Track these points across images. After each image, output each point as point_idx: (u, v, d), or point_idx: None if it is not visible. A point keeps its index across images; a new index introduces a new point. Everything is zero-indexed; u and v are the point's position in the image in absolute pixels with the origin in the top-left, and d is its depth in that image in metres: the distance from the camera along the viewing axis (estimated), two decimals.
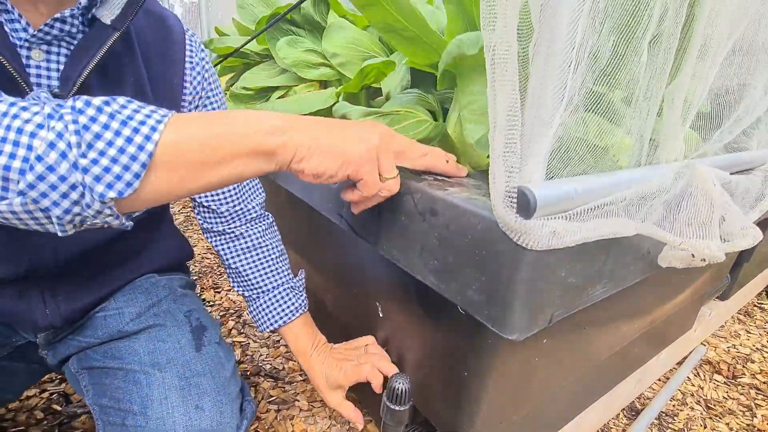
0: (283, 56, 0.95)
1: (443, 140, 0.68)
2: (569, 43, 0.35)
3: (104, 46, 0.52)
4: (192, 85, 0.68)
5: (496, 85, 0.37)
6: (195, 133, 0.37)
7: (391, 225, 0.54)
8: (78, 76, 0.52)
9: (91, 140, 0.33)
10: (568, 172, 0.43)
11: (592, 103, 0.43)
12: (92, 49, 0.52)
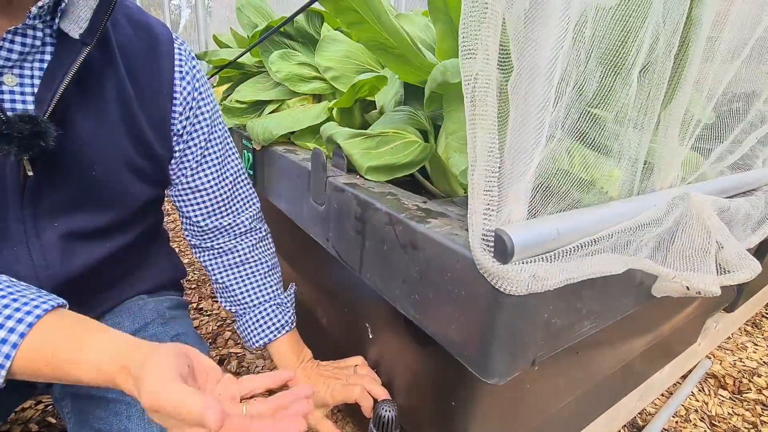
0: (276, 70, 0.94)
1: (433, 162, 0.66)
2: (549, 82, 0.33)
3: (75, 63, 0.51)
4: (182, 95, 0.66)
5: (476, 120, 0.36)
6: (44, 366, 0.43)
7: (375, 254, 0.53)
8: (52, 97, 0.50)
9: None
10: (552, 208, 0.41)
11: (577, 135, 0.41)
12: (64, 66, 0.51)
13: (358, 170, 0.63)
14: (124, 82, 0.59)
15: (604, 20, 0.37)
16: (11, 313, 0.43)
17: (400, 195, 0.55)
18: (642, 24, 0.38)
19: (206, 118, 0.70)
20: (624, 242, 0.43)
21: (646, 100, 0.44)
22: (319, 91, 0.97)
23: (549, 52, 0.32)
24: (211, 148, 0.71)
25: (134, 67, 0.61)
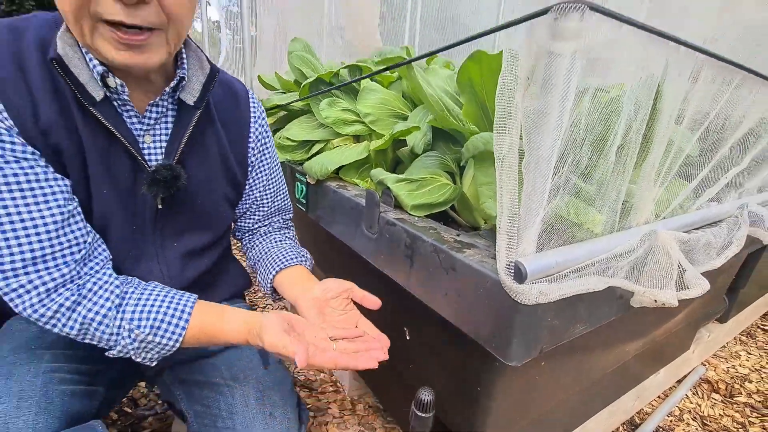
0: (325, 116, 1.13)
1: (460, 199, 0.84)
2: (548, 165, 0.51)
3: (191, 123, 0.71)
4: (255, 135, 0.85)
5: (503, 186, 0.54)
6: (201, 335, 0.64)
7: (421, 274, 0.71)
8: (176, 150, 0.70)
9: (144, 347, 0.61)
10: (554, 243, 0.59)
11: (572, 193, 0.59)
12: (183, 126, 0.70)
13: (404, 207, 0.82)
14: (220, 132, 0.79)
15: (593, 118, 0.55)
16: (176, 305, 0.63)
17: (439, 229, 0.74)
18: (618, 119, 0.56)
19: (269, 150, 0.89)
20: (604, 268, 0.60)
21: (622, 166, 0.62)
22: (359, 132, 1.16)
23: (548, 149, 0.50)
24: (272, 172, 0.90)
25: (225, 119, 0.80)
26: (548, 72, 0.49)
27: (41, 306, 0.57)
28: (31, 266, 0.56)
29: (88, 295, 0.60)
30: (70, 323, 0.58)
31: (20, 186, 0.56)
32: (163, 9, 0.56)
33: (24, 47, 0.59)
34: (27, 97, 0.57)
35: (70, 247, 0.60)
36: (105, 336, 0.59)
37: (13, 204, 0.55)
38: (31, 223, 0.56)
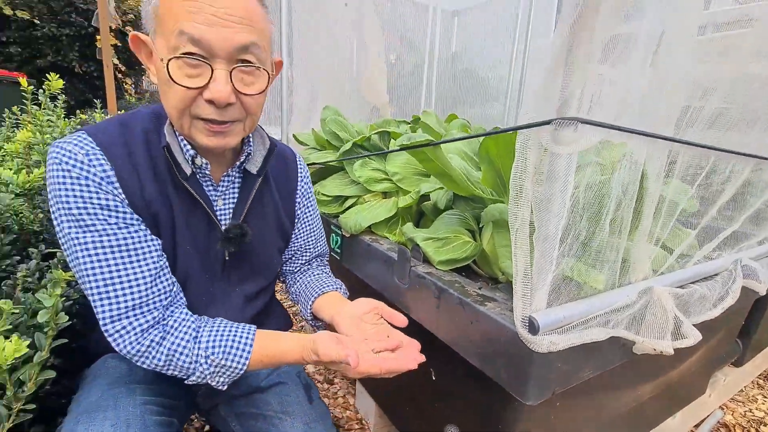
0: (358, 175, 1.29)
1: (480, 255, 0.97)
2: (555, 239, 0.64)
3: (254, 189, 0.86)
4: (301, 191, 1.01)
5: (518, 253, 0.67)
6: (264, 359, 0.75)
7: (448, 322, 0.83)
8: (242, 213, 0.85)
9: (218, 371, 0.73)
10: (562, 300, 0.71)
11: (575, 257, 0.71)
12: (248, 192, 0.86)
13: (432, 262, 0.95)
14: (274, 194, 0.94)
15: (588, 199, 0.69)
16: (241, 333, 0.75)
17: (463, 282, 0.86)
18: (610, 197, 0.70)
19: (312, 203, 1.04)
20: (606, 320, 0.72)
21: (618, 234, 0.75)
22: (387, 189, 1.32)
23: (553, 227, 0.64)
24: (314, 222, 1.05)
25: (278, 181, 0.96)
26: (551, 168, 0.63)
27: (137, 344, 0.70)
28: (131, 311, 0.70)
29: (171, 331, 0.73)
30: (159, 356, 0.71)
31: (127, 247, 0.71)
32: (243, 107, 0.74)
33: (132, 137, 0.76)
34: (135, 176, 0.74)
35: (160, 295, 0.74)
36: (186, 364, 0.72)
37: (121, 262, 0.70)
38: (133, 277, 0.71)
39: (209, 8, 0.65)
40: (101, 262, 0.68)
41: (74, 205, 0.67)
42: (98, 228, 0.68)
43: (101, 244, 0.68)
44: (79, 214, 0.67)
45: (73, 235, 0.68)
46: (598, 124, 0.62)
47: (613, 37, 0.63)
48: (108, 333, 0.69)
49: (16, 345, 0.57)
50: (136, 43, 0.74)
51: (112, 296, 0.69)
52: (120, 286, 0.70)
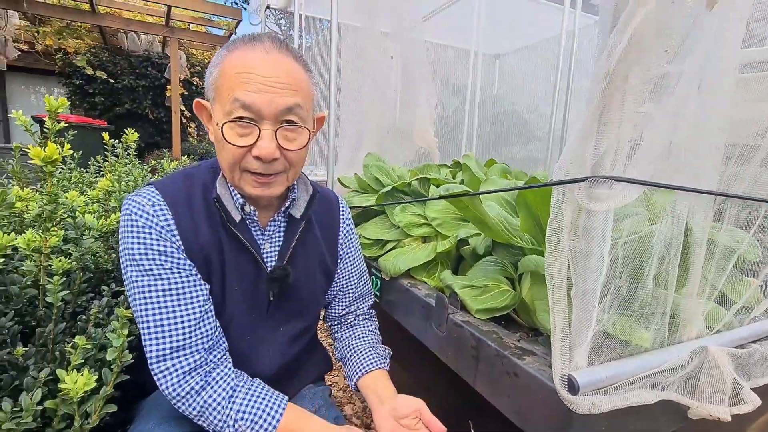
0: (398, 220, 1.33)
1: (520, 304, 0.96)
2: (594, 296, 0.63)
3: (297, 233, 0.92)
4: (343, 232, 1.07)
5: (555, 308, 0.66)
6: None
7: (486, 374, 0.81)
8: (286, 254, 0.91)
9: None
10: (604, 358, 0.68)
11: (617, 313, 0.69)
12: (293, 235, 0.92)
13: (470, 310, 0.95)
14: (317, 234, 1.00)
15: (627, 253, 0.68)
16: (272, 405, 0.78)
17: (501, 333, 0.85)
18: (650, 254, 0.68)
19: (353, 244, 1.09)
20: (654, 381, 0.68)
21: (663, 290, 0.72)
22: (427, 234, 1.34)
23: (592, 282, 0.63)
24: (356, 263, 1.09)
25: (322, 224, 1.02)
26: (588, 223, 0.63)
27: (178, 387, 0.75)
28: (175, 352, 0.76)
29: (211, 383, 0.77)
30: (195, 405, 0.75)
31: (178, 291, 0.78)
32: (286, 160, 0.81)
33: (193, 188, 0.85)
34: (192, 223, 0.82)
35: (203, 338, 0.79)
36: (216, 421, 0.76)
37: (171, 304, 0.77)
38: (180, 320, 0.77)
39: (259, 77, 0.74)
40: (153, 303, 0.76)
41: (137, 250, 0.76)
42: (154, 272, 0.76)
43: (155, 287, 0.76)
44: (140, 259, 0.76)
45: (133, 277, 0.76)
46: (633, 182, 0.62)
47: (652, 80, 0.64)
48: (154, 372, 0.75)
49: (86, 379, 0.64)
50: (199, 107, 0.86)
51: (159, 336, 0.75)
52: (168, 327, 0.76)
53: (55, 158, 0.83)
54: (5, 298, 0.84)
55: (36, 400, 0.61)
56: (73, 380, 0.64)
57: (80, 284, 0.96)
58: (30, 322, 0.86)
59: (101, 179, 1.34)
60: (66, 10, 6.65)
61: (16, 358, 0.73)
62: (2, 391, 0.68)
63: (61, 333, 0.83)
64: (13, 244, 0.84)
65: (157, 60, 8.17)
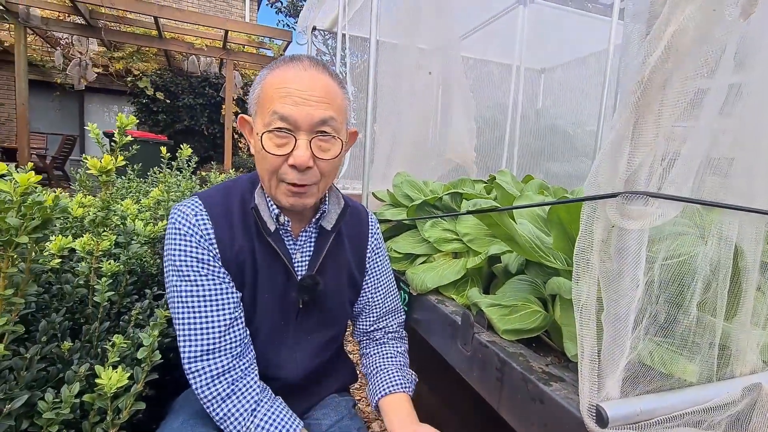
0: (428, 235, 1.32)
1: (552, 327, 0.91)
2: (626, 322, 0.59)
3: (328, 244, 0.94)
4: (371, 245, 1.07)
5: (583, 332, 0.62)
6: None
7: (510, 398, 0.77)
8: (316, 264, 0.92)
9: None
10: (640, 390, 0.63)
11: (656, 343, 0.64)
12: (323, 246, 0.93)
13: (496, 330, 0.91)
14: (346, 246, 1.01)
15: (665, 277, 0.63)
16: (288, 428, 0.80)
17: (529, 356, 0.81)
18: (693, 278, 0.62)
19: (381, 257, 1.09)
20: (699, 419, 0.62)
21: (709, 318, 0.66)
22: (457, 250, 1.31)
23: (625, 305, 0.59)
24: (383, 276, 1.09)
25: (351, 237, 1.03)
26: (620, 242, 0.59)
27: (206, 389, 0.79)
28: (205, 355, 0.80)
29: (237, 392, 0.80)
30: (219, 410, 0.79)
31: (212, 297, 0.82)
32: (319, 170, 0.84)
33: (231, 200, 0.90)
34: (229, 231, 0.86)
35: (232, 343, 0.83)
36: (236, 429, 0.78)
37: (204, 310, 0.81)
38: (212, 324, 0.81)
39: (296, 92, 0.79)
40: (188, 307, 0.80)
41: (178, 257, 0.81)
42: (192, 278, 0.80)
43: (191, 292, 0.80)
44: (180, 265, 0.81)
45: (174, 282, 0.81)
46: (672, 198, 0.58)
47: (691, 91, 0.60)
48: (186, 372, 0.79)
49: (120, 376, 0.68)
50: (242, 122, 0.91)
51: (192, 338, 0.80)
52: (201, 331, 0.80)
53: (109, 168, 0.91)
54: (59, 295, 0.91)
55: (74, 393, 0.66)
56: (108, 376, 0.68)
57: (126, 286, 1.03)
58: (79, 320, 0.93)
59: (154, 189, 1.45)
60: (137, 37, 7.33)
61: (63, 351, 0.79)
62: (47, 383, 0.73)
63: (105, 331, 0.90)
64: (70, 246, 0.92)
65: (213, 80, 8.77)
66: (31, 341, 0.75)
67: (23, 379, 0.68)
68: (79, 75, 7.72)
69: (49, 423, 0.63)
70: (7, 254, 0.61)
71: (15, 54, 6.36)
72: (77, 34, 7.11)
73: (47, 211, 0.64)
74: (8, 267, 0.61)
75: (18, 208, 0.61)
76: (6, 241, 0.60)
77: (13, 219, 0.59)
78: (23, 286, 0.66)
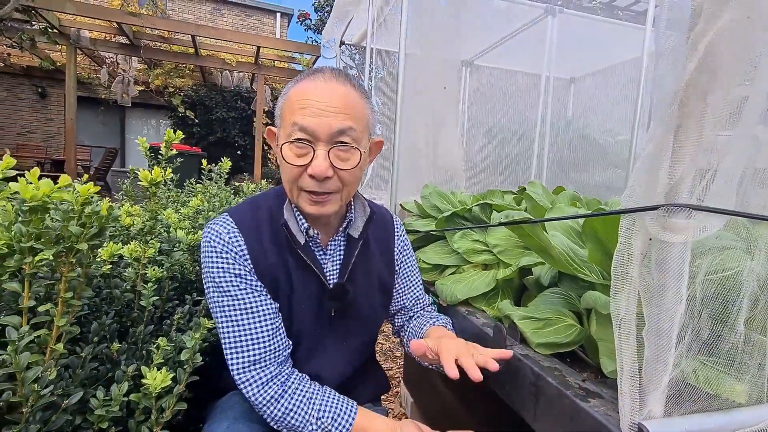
0: (457, 246, 1.32)
1: (588, 341, 0.89)
2: (669, 337, 0.57)
3: (356, 251, 0.96)
4: (398, 248, 1.10)
5: (622, 348, 0.61)
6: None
7: (546, 413, 0.76)
8: (346, 271, 0.94)
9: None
10: (685, 410, 0.61)
11: (699, 361, 0.62)
12: (351, 254, 0.95)
13: (529, 344, 0.90)
14: (375, 254, 1.03)
15: (708, 291, 0.61)
16: (347, 404, 0.84)
17: (564, 371, 0.79)
18: (738, 294, 0.60)
19: (409, 258, 1.12)
20: None
21: (761, 335, 0.63)
22: (487, 261, 1.30)
23: (667, 321, 0.57)
24: (412, 275, 1.12)
25: (378, 242, 1.05)
26: (661, 256, 0.58)
27: (259, 395, 0.81)
28: (253, 365, 0.83)
29: (288, 391, 0.83)
30: (275, 411, 0.81)
31: (253, 309, 0.85)
32: (339, 180, 0.86)
33: (260, 214, 0.93)
34: (261, 246, 0.89)
35: (276, 352, 0.85)
36: (297, 422, 0.80)
37: (247, 322, 0.84)
38: (256, 335, 0.84)
39: (316, 103, 0.82)
40: (232, 321, 0.84)
41: (217, 274, 0.85)
42: (232, 293, 0.84)
43: (232, 306, 0.84)
44: (219, 281, 0.85)
45: (215, 298, 0.85)
46: (717, 211, 0.56)
47: (735, 99, 0.58)
48: (237, 382, 0.83)
49: (164, 376, 0.71)
50: (270, 133, 0.95)
51: (241, 350, 0.83)
52: (247, 343, 0.84)
53: (159, 181, 0.96)
54: (109, 299, 0.97)
55: (123, 392, 0.69)
56: (153, 377, 0.72)
57: (168, 292, 1.08)
58: (126, 322, 0.98)
59: (193, 198, 1.51)
60: (176, 55, 7.72)
61: (111, 352, 0.84)
62: (98, 381, 0.78)
63: (149, 334, 0.94)
64: (119, 253, 0.98)
65: (245, 94, 9.11)
66: (84, 342, 0.80)
67: (78, 377, 0.72)
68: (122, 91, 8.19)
69: (100, 419, 0.67)
70: (68, 260, 0.66)
71: (66, 72, 6.83)
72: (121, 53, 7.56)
73: (102, 220, 0.69)
74: (68, 272, 0.66)
75: (78, 217, 0.66)
76: (68, 248, 0.64)
77: (74, 227, 0.64)
78: (80, 290, 0.71)
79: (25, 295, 0.66)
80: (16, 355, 0.56)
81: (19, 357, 0.56)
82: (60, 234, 0.64)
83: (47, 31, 6.28)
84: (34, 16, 5.99)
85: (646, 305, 0.61)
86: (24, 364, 0.57)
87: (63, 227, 0.63)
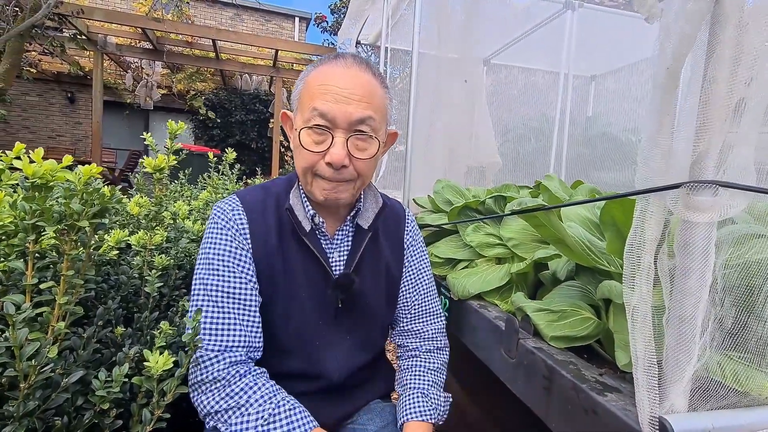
0: (470, 240, 1.28)
1: (606, 335, 0.84)
2: (693, 324, 0.53)
3: (364, 242, 0.93)
4: (408, 242, 1.06)
5: (636, 336, 0.57)
6: None
7: (559, 409, 0.72)
8: (353, 262, 0.92)
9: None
10: (711, 405, 0.56)
11: (724, 354, 0.57)
12: (359, 245, 0.93)
13: (543, 337, 0.85)
14: (383, 244, 1.00)
15: (732, 279, 0.56)
16: (300, 423, 0.78)
17: (579, 365, 0.75)
18: (764, 281, 0.55)
19: (419, 252, 1.07)
20: None
21: None
22: (501, 255, 1.26)
23: (690, 307, 0.53)
24: (422, 273, 1.06)
25: (388, 234, 1.02)
26: (685, 237, 0.54)
27: (225, 371, 0.79)
28: (225, 351, 0.80)
29: (253, 374, 0.81)
30: (234, 389, 0.78)
31: (235, 294, 0.83)
32: (355, 169, 0.84)
33: (268, 198, 0.92)
34: (263, 229, 0.88)
35: (249, 345, 0.83)
36: (237, 420, 0.77)
37: (230, 307, 0.82)
38: (235, 322, 0.82)
39: (336, 89, 0.80)
40: (212, 300, 0.82)
41: (212, 250, 0.84)
42: (220, 272, 0.83)
43: (218, 287, 0.82)
44: (212, 259, 0.83)
45: (202, 273, 0.84)
46: (747, 188, 0.52)
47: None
48: (201, 360, 0.80)
49: (166, 359, 0.70)
50: (284, 117, 0.93)
51: (216, 333, 0.81)
52: (224, 327, 0.82)
53: (162, 167, 0.96)
54: (116, 286, 0.97)
55: (124, 373, 0.69)
56: (155, 360, 0.71)
57: (175, 280, 1.08)
58: (132, 309, 0.98)
59: (203, 192, 1.52)
60: (197, 59, 7.91)
61: (116, 336, 0.83)
62: (101, 365, 0.77)
63: (154, 320, 0.94)
64: (126, 240, 0.98)
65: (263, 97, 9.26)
66: (89, 325, 0.80)
67: (80, 358, 0.72)
68: (146, 95, 8.43)
69: (101, 400, 0.66)
70: (70, 237, 0.65)
71: (93, 78, 7.07)
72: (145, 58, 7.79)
73: (104, 198, 0.68)
74: (71, 249, 0.66)
75: (81, 196, 0.66)
76: (70, 225, 0.64)
77: (76, 205, 0.64)
78: (84, 270, 0.71)
79: (28, 273, 0.66)
80: (13, 330, 0.55)
81: (17, 333, 0.56)
82: (63, 212, 0.64)
83: (76, 38, 6.53)
84: (64, 23, 6.23)
85: (666, 290, 0.56)
86: (22, 338, 0.56)
87: (65, 203, 0.63)
